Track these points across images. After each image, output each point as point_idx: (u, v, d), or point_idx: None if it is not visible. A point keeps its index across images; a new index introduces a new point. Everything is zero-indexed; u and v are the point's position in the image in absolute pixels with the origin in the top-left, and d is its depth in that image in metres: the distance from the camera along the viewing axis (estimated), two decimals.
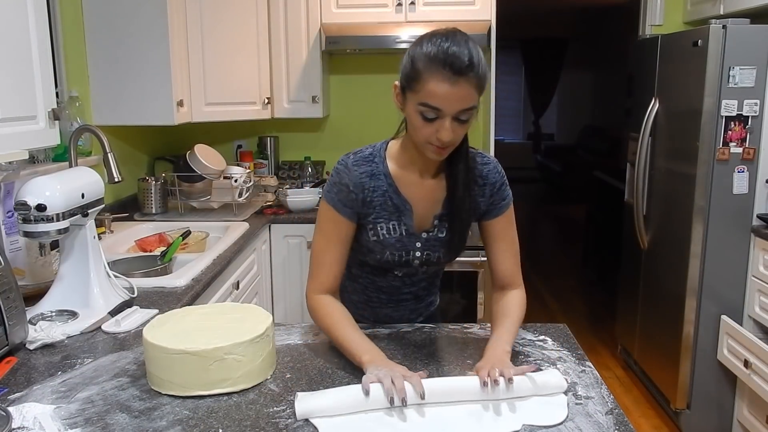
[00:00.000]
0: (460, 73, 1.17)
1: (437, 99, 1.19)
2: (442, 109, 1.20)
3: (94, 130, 1.97)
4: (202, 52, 2.79)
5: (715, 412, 2.78)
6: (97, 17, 2.57)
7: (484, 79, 1.22)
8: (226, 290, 2.19)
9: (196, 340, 1.15)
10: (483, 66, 1.21)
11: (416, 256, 1.41)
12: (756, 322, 2.61)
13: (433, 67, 1.19)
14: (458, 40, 1.20)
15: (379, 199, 1.36)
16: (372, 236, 1.38)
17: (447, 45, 1.19)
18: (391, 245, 1.39)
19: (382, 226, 1.38)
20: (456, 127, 1.23)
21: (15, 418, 1.07)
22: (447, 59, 1.17)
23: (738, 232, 2.64)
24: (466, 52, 1.18)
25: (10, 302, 1.31)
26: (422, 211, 1.39)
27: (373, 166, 1.37)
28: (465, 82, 1.18)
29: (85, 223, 1.56)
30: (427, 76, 1.19)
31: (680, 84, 2.81)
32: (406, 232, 1.39)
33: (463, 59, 1.17)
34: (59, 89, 2.38)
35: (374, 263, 1.43)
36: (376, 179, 1.36)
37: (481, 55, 1.21)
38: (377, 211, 1.37)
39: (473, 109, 1.22)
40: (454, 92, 1.18)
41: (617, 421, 1.05)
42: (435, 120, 1.22)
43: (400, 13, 3.02)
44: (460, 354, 1.33)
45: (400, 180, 1.37)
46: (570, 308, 4.54)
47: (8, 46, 1.41)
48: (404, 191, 1.37)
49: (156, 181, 2.89)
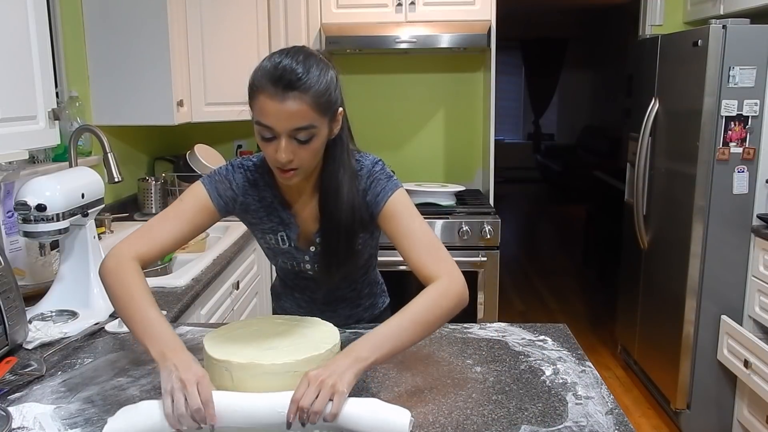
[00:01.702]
0: (289, 88, 1.11)
1: (267, 116, 1.13)
2: (273, 127, 1.13)
3: (94, 130, 1.97)
4: (202, 52, 2.79)
5: (715, 412, 2.78)
6: (97, 17, 2.57)
7: (324, 96, 1.14)
8: (226, 290, 2.19)
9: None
10: (322, 84, 1.14)
11: (307, 268, 1.40)
12: (756, 322, 2.61)
13: (263, 83, 1.12)
14: (296, 56, 1.14)
15: (264, 210, 1.35)
16: (263, 244, 1.41)
17: (279, 60, 1.13)
18: (282, 254, 1.39)
19: (271, 237, 1.37)
20: (296, 147, 1.15)
21: (15, 418, 1.07)
22: (275, 74, 1.11)
23: (738, 232, 2.64)
24: (300, 68, 1.12)
25: (10, 302, 1.31)
26: (306, 228, 1.36)
27: (257, 176, 1.34)
28: (294, 98, 1.11)
29: (85, 223, 1.56)
30: (258, 93, 1.13)
31: (680, 84, 2.81)
32: (294, 245, 1.37)
33: (292, 74, 1.11)
34: (59, 89, 2.38)
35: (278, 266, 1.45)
36: (261, 190, 1.34)
37: (326, 75, 1.16)
38: (263, 222, 1.36)
39: (312, 128, 1.15)
40: (282, 109, 1.11)
41: (617, 421, 1.05)
42: (273, 140, 1.15)
43: (400, 13, 3.02)
44: (460, 354, 1.33)
45: (286, 191, 1.34)
46: (570, 308, 4.54)
47: (8, 46, 1.41)
48: (289, 204, 1.35)
49: (156, 181, 2.89)
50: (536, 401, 1.13)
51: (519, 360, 1.30)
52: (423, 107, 3.52)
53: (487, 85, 3.27)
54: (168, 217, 1.28)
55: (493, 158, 3.20)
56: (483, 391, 1.16)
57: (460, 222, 2.86)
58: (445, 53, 3.41)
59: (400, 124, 3.52)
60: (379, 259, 1.60)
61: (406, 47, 2.98)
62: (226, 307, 2.18)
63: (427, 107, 3.53)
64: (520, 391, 1.17)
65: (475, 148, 3.56)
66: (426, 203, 2.96)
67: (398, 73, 3.50)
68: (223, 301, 2.16)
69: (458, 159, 3.57)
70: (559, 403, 1.12)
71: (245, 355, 1.06)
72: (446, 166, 3.58)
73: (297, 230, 1.36)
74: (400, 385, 1.18)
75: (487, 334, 1.43)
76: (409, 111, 3.53)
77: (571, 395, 1.14)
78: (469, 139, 3.55)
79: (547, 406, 1.11)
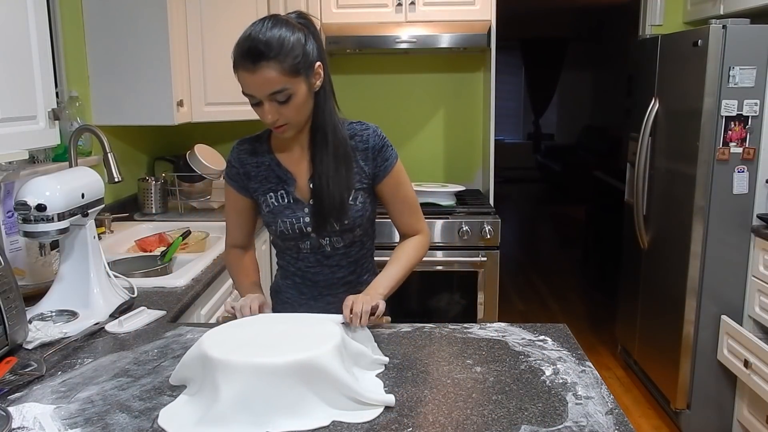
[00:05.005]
0: (256, 61, 1.27)
1: (246, 87, 1.31)
2: (254, 93, 1.31)
3: (94, 130, 1.97)
4: (202, 52, 2.79)
5: (715, 412, 2.78)
6: (97, 17, 2.57)
7: (290, 62, 1.29)
8: (226, 290, 2.19)
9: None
10: (286, 51, 1.28)
11: (306, 222, 1.48)
12: (756, 322, 2.61)
13: (237, 59, 1.30)
14: (261, 30, 1.28)
15: (264, 173, 1.50)
16: (265, 208, 1.51)
17: (249, 33, 1.29)
18: (281, 213, 1.49)
19: (271, 195, 1.50)
20: (279, 107, 1.33)
21: (15, 418, 1.07)
22: (245, 48, 1.28)
23: (738, 232, 2.64)
24: (264, 40, 1.27)
25: (10, 302, 1.31)
26: (302, 179, 1.49)
27: (256, 145, 1.51)
28: (264, 68, 1.27)
29: (85, 223, 1.56)
30: (237, 68, 1.31)
31: (680, 84, 2.81)
32: (292, 200, 1.49)
33: (258, 47, 1.26)
34: (59, 89, 2.38)
35: (279, 241, 1.54)
36: (260, 156, 1.50)
37: (292, 40, 1.29)
38: (263, 184, 1.50)
39: (285, 90, 1.30)
40: (255, 79, 1.29)
41: (617, 421, 1.05)
42: (259, 104, 1.33)
43: (400, 13, 3.02)
44: (460, 354, 1.33)
45: (282, 155, 1.50)
46: (570, 308, 4.54)
47: (8, 46, 1.41)
48: (284, 163, 1.49)
49: (156, 181, 2.89)
50: (536, 401, 1.13)
51: (519, 360, 1.30)
52: (423, 107, 3.52)
53: (487, 85, 3.27)
54: (226, 216, 1.61)
55: (493, 158, 3.20)
56: (483, 391, 1.16)
57: (460, 222, 2.86)
58: (445, 53, 3.41)
59: (400, 124, 3.52)
60: (375, 259, 1.65)
61: (406, 47, 2.98)
62: None
63: (427, 107, 3.53)
64: (520, 391, 1.17)
65: (475, 148, 3.56)
66: (426, 203, 2.95)
67: (398, 73, 3.50)
68: (223, 301, 2.16)
69: (458, 159, 3.57)
70: (559, 403, 1.12)
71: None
72: (446, 166, 3.58)
73: (294, 183, 1.49)
74: (400, 385, 1.18)
75: (487, 334, 1.43)
76: (409, 111, 3.53)
77: (571, 395, 1.14)
78: (469, 139, 3.55)
79: (547, 406, 1.11)
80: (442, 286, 2.93)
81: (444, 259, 2.89)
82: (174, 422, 1.04)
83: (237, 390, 1.03)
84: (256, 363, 1.05)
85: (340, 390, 1.07)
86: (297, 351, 1.08)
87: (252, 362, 1.05)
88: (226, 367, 1.05)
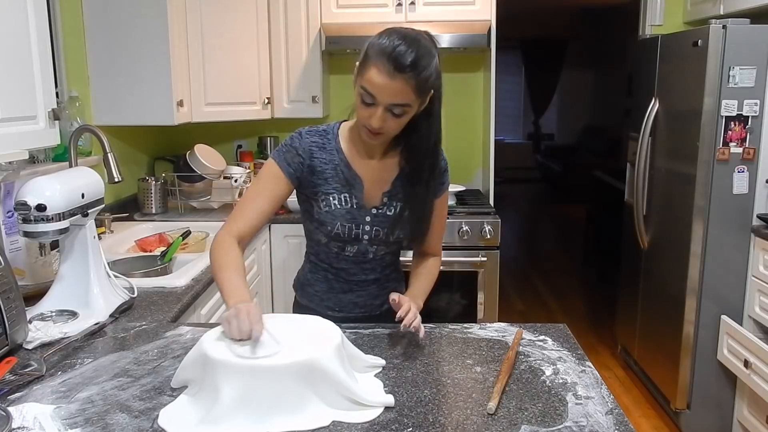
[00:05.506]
0: (400, 70, 1.28)
1: (374, 87, 1.30)
2: (376, 96, 1.31)
3: (94, 130, 1.97)
4: (202, 52, 2.79)
5: (715, 412, 2.78)
6: (97, 18, 2.57)
7: (424, 83, 1.32)
8: None
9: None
10: (427, 72, 1.31)
11: (365, 230, 1.49)
12: (756, 322, 2.61)
13: (378, 58, 1.29)
14: (411, 43, 1.30)
15: (331, 172, 1.48)
16: (324, 207, 1.48)
17: (398, 43, 1.29)
18: (341, 216, 1.48)
19: (334, 196, 1.48)
20: (388, 117, 1.34)
21: (15, 418, 1.07)
22: (392, 55, 1.28)
23: (738, 232, 2.64)
24: (413, 55, 1.28)
25: (10, 302, 1.31)
26: (372, 188, 1.49)
27: (325, 141, 1.49)
28: (402, 80, 1.28)
29: (85, 223, 1.56)
30: (372, 65, 1.30)
31: (680, 84, 2.81)
32: (356, 205, 1.48)
33: (406, 59, 1.28)
34: (59, 89, 2.38)
35: (326, 240, 1.51)
36: (329, 153, 1.48)
37: (432, 64, 1.32)
38: (329, 183, 1.48)
39: (407, 106, 1.33)
40: (389, 85, 1.29)
41: (617, 421, 1.05)
42: (371, 105, 1.33)
43: (400, 13, 3.02)
44: (460, 354, 1.33)
45: (351, 156, 1.49)
46: (570, 308, 4.54)
47: (8, 46, 1.41)
48: (355, 167, 1.49)
49: (156, 181, 2.89)
50: (536, 401, 1.13)
51: (519, 360, 1.30)
52: None
53: (487, 85, 3.27)
54: (250, 197, 1.47)
55: (493, 158, 3.20)
56: (483, 391, 1.16)
57: (460, 222, 2.86)
58: (445, 53, 3.39)
59: None
60: None
61: None
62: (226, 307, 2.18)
63: None
64: (520, 391, 1.17)
65: (475, 148, 3.56)
66: None
67: None
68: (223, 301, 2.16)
69: (458, 159, 3.57)
70: (559, 403, 1.12)
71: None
72: None
73: (362, 189, 1.48)
74: (400, 386, 1.18)
75: (487, 334, 1.43)
76: None
77: (571, 395, 1.14)
78: (469, 139, 3.55)
79: (547, 406, 1.11)
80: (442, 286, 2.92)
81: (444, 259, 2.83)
82: (174, 422, 1.04)
83: (237, 390, 1.03)
84: (257, 363, 1.05)
85: (340, 391, 1.07)
86: (297, 352, 1.08)
87: (252, 363, 1.05)
88: (227, 368, 1.05)
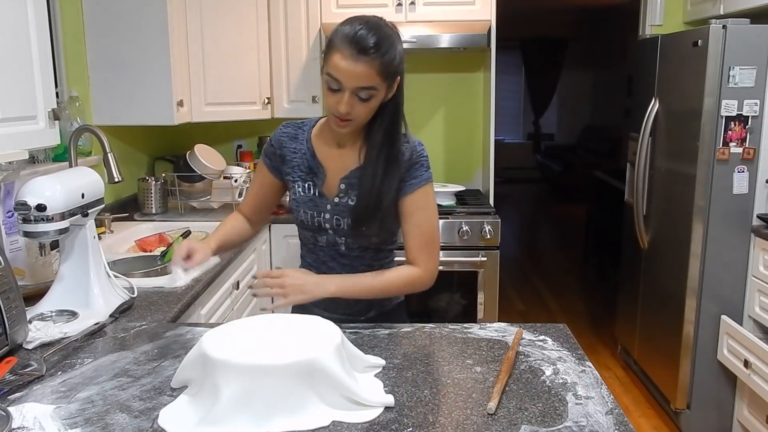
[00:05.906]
0: (363, 53, 1.31)
1: (338, 72, 1.33)
2: (342, 81, 1.33)
3: (94, 130, 1.97)
4: (202, 52, 2.79)
5: (715, 412, 2.78)
6: (97, 17, 2.57)
7: (388, 66, 1.34)
8: (226, 290, 2.19)
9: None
10: (390, 55, 1.34)
11: (326, 218, 1.52)
12: (756, 322, 2.61)
13: (341, 43, 1.33)
14: (373, 28, 1.33)
15: (298, 160, 1.55)
16: (292, 195, 1.57)
17: (359, 28, 1.33)
18: (304, 203, 1.54)
19: (299, 184, 1.55)
20: (356, 102, 1.36)
21: (15, 418, 1.07)
22: (354, 39, 1.31)
23: (738, 232, 2.64)
24: (375, 38, 1.32)
25: (10, 302, 1.31)
26: (333, 177, 1.52)
27: (298, 132, 1.57)
28: (365, 62, 1.31)
29: (85, 223, 1.56)
30: (336, 51, 1.33)
31: (680, 84, 2.81)
32: (318, 194, 1.53)
33: (368, 41, 1.31)
34: (59, 89, 2.38)
35: (299, 229, 1.59)
36: (299, 143, 1.55)
37: (395, 48, 1.36)
38: (295, 171, 1.55)
39: (372, 89, 1.35)
40: (353, 68, 1.32)
41: (617, 421, 1.05)
42: (337, 92, 1.36)
43: (400, 13, 3.02)
44: (460, 354, 1.33)
45: (319, 146, 1.54)
46: (570, 308, 4.54)
47: (8, 46, 1.41)
48: (320, 156, 1.53)
49: (156, 181, 2.89)
50: (536, 401, 1.13)
51: (519, 360, 1.30)
52: (423, 107, 3.52)
53: (487, 85, 3.27)
54: (252, 184, 1.68)
55: (493, 158, 3.20)
56: (483, 391, 1.16)
57: (460, 222, 2.86)
58: (445, 53, 3.41)
59: None
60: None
61: (407, 47, 2.90)
62: (226, 307, 2.18)
63: (427, 107, 3.53)
64: (520, 391, 1.17)
65: (475, 148, 3.56)
66: None
67: None
68: (223, 301, 2.16)
69: (458, 159, 3.57)
70: (559, 403, 1.12)
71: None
72: (446, 166, 3.58)
73: (323, 178, 1.52)
74: (400, 385, 1.18)
75: (487, 334, 1.43)
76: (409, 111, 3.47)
77: (571, 395, 1.14)
78: (469, 139, 3.55)
79: (547, 406, 1.11)
80: (442, 286, 2.93)
81: (444, 259, 2.88)
82: (174, 422, 1.04)
83: (237, 390, 1.03)
84: (257, 363, 1.05)
85: (340, 391, 1.07)
86: (297, 351, 1.08)
87: (252, 363, 1.05)
88: (227, 368, 1.05)
